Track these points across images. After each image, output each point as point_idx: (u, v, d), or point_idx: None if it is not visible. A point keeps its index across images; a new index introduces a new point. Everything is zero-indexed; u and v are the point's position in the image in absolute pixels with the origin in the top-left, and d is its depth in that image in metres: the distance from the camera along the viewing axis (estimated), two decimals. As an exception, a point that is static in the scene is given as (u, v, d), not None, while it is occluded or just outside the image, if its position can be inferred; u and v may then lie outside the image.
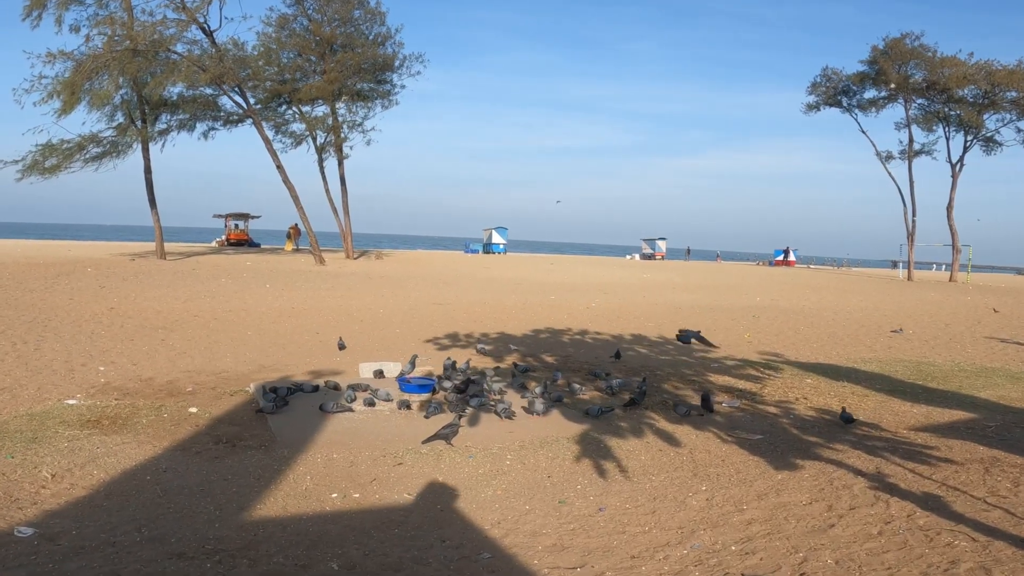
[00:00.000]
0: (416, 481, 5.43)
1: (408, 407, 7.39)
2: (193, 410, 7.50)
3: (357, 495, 5.07)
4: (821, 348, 14.45)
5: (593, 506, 4.92)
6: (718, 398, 8.58)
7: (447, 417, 7.27)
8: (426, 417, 7.21)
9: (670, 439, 6.73)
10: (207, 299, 19.04)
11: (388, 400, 7.54)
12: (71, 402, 7.81)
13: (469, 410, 7.30)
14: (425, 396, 7.63)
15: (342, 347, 12.32)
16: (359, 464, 5.81)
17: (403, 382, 7.69)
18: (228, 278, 25.42)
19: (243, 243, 52.41)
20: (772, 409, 8.16)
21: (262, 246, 52.18)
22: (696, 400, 8.46)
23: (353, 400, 7.64)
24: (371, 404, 7.48)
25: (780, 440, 6.81)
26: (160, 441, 6.35)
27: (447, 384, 8.25)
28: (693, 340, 8.84)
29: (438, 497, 5.10)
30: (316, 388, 8.30)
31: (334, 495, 5.06)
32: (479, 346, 12.60)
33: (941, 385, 10.31)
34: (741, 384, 9.74)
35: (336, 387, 8.34)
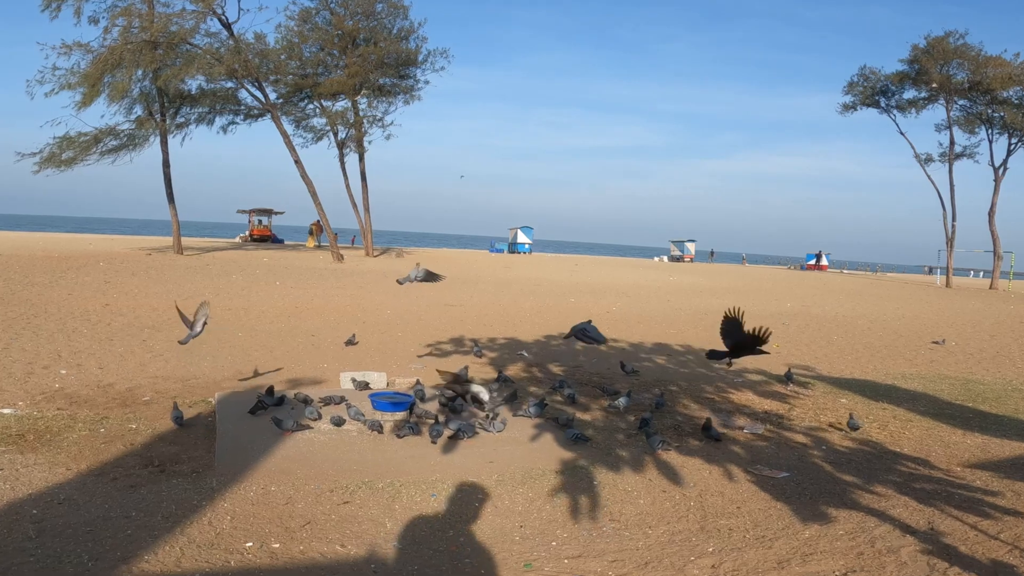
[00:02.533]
0: (358, 527, 4.46)
1: (380, 428, 6.43)
2: (133, 426, 6.61)
3: (277, 545, 4.10)
4: (856, 361, 13.28)
5: (566, 573, 3.90)
6: (738, 422, 7.52)
7: (421, 441, 6.30)
8: (398, 436, 6.26)
9: (676, 476, 5.68)
10: (210, 296, 18.29)
11: (360, 419, 6.58)
12: (6, 411, 6.96)
13: (446, 432, 6.31)
14: (401, 415, 6.66)
15: (351, 343, 11.82)
16: (298, 501, 4.85)
17: (375, 398, 6.74)
18: (240, 274, 24.76)
19: (266, 239, 52.17)
20: (801, 437, 7.07)
21: (285, 242, 51.81)
22: (714, 423, 7.40)
23: (317, 417, 6.70)
24: (339, 423, 6.53)
25: (809, 480, 5.73)
26: (78, 463, 5.45)
27: (429, 403, 7.34)
28: (727, 361, 7.85)
29: (377, 550, 4.12)
30: (282, 400, 7.37)
31: (249, 544, 4.10)
32: (475, 349, 11.70)
33: (994, 408, 9.12)
34: (766, 404, 8.64)
35: (306, 400, 7.41)
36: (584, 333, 7.76)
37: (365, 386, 8.30)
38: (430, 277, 9.15)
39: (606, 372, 10.44)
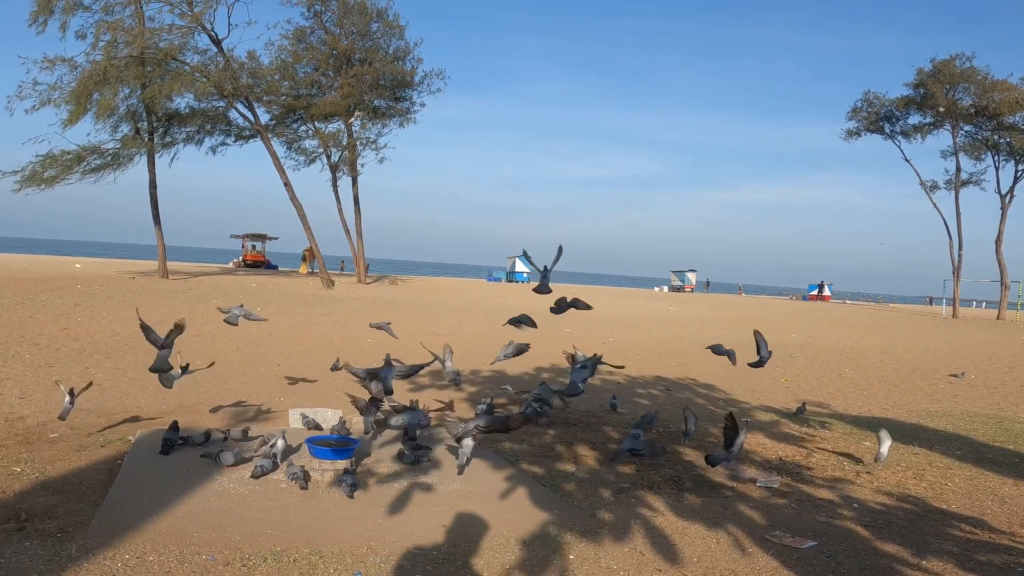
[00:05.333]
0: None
1: (303, 480, 5.28)
2: (19, 468, 5.47)
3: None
4: (873, 396, 12.15)
5: None
6: (748, 473, 6.36)
7: (363, 496, 5.16)
8: (350, 495, 5.10)
9: (673, 549, 4.51)
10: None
11: (291, 467, 5.43)
12: None
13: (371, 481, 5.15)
14: (343, 463, 5.50)
15: (336, 368, 10.79)
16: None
17: (312, 443, 5.59)
18: (222, 299, 23.63)
19: (260, 264, 51.23)
20: (825, 492, 5.90)
21: (279, 268, 50.80)
22: (718, 474, 6.25)
23: (234, 461, 5.56)
24: (261, 473, 5.38)
25: (843, 551, 4.56)
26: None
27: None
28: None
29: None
30: (207, 437, 6.26)
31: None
32: (455, 377, 10.58)
33: (1040, 452, 7.98)
34: (780, 448, 7.47)
35: (226, 437, 6.34)
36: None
37: (316, 425, 7.16)
38: (251, 317, 7.99)
39: (598, 410, 9.29)
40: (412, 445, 6.09)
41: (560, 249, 5.78)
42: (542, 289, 6.31)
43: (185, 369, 7.25)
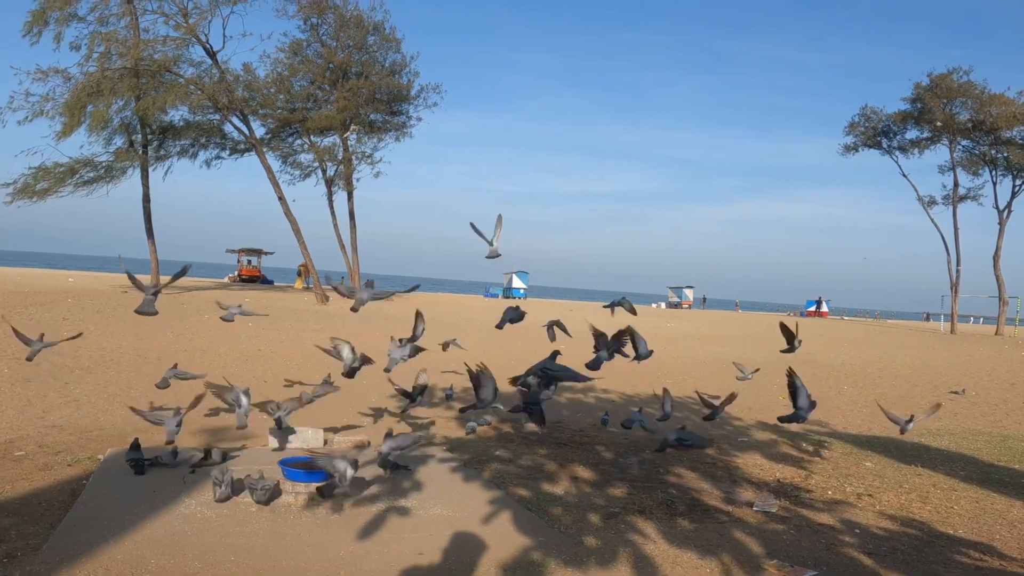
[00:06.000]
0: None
1: (265, 497, 5.01)
2: (-26, 492, 5.20)
3: None
4: (873, 414, 11.88)
5: None
6: (744, 495, 6.08)
7: (337, 521, 4.89)
8: (332, 509, 4.83)
9: None
10: (169, 337, 16.95)
11: (265, 490, 5.15)
12: None
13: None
14: (317, 485, 5.23)
15: (327, 382, 10.67)
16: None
17: (285, 465, 5.32)
18: (212, 314, 23.26)
19: (255, 279, 50.83)
20: (825, 516, 5.62)
21: (275, 283, 50.47)
22: (713, 497, 5.98)
23: (216, 483, 5.29)
24: (228, 496, 5.10)
25: (845, 581, 4.29)
26: None
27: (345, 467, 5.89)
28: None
29: None
30: (175, 455, 6.00)
31: None
32: (448, 392, 10.52)
33: (1047, 472, 7.72)
34: (777, 470, 7.20)
35: (205, 458, 6.08)
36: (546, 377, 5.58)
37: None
38: (248, 314, 7.81)
39: (590, 429, 9.01)
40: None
41: (499, 217, 5.62)
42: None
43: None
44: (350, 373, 6.97)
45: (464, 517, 5.08)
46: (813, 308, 64.18)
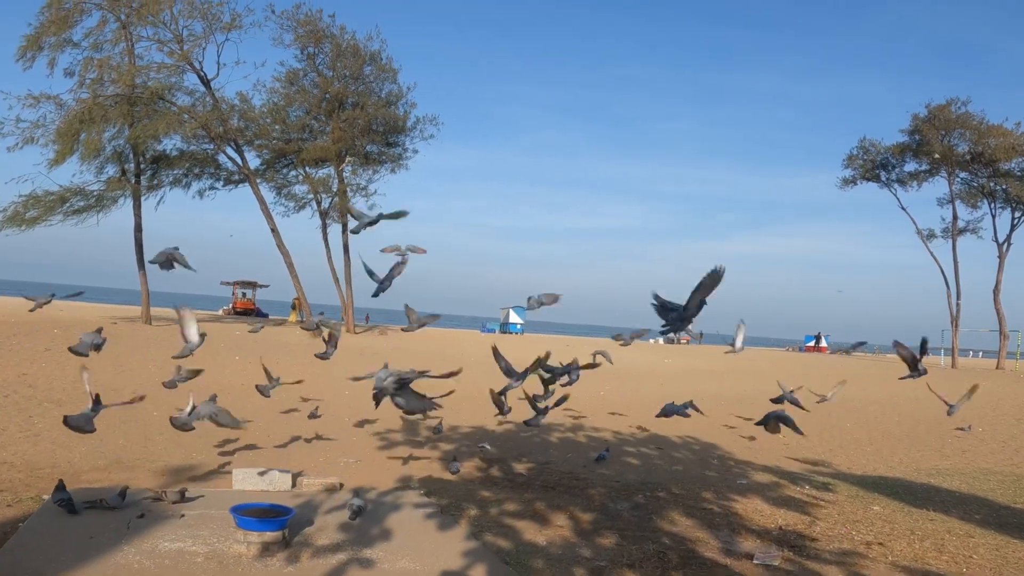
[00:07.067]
0: None
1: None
2: None
3: None
4: (877, 452, 11.43)
5: None
6: (744, 545, 5.57)
7: (309, 573, 4.40)
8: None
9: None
10: (151, 369, 16.43)
11: (215, 537, 4.67)
12: None
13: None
14: (272, 535, 4.74)
15: (315, 416, 10.87)
16: None
17: (237, 512, 4.83)
18: (202, 347, 22.85)
19: (250, 312, 50.29)
20: (832, 569, 5.13)
21: (270, 316, 50.00)
22: (710, 548, 5.48)
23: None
24: (173, 545, 4.62)
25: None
26: None
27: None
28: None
29: None
30: (123, 497, 5.54)
31: None
32: (437, 427, 10.10)
33: (1066, 515, 7.24)
34: (780, 515, 6.70)
35: (159, 499, 5.63)
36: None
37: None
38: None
39: (581, 471, 8.52)
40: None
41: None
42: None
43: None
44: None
45: (431, 571, 4.60)
46: (812, 343, 63.61)
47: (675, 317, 4.58)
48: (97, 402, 5.45)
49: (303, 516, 5.44)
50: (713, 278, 4.33)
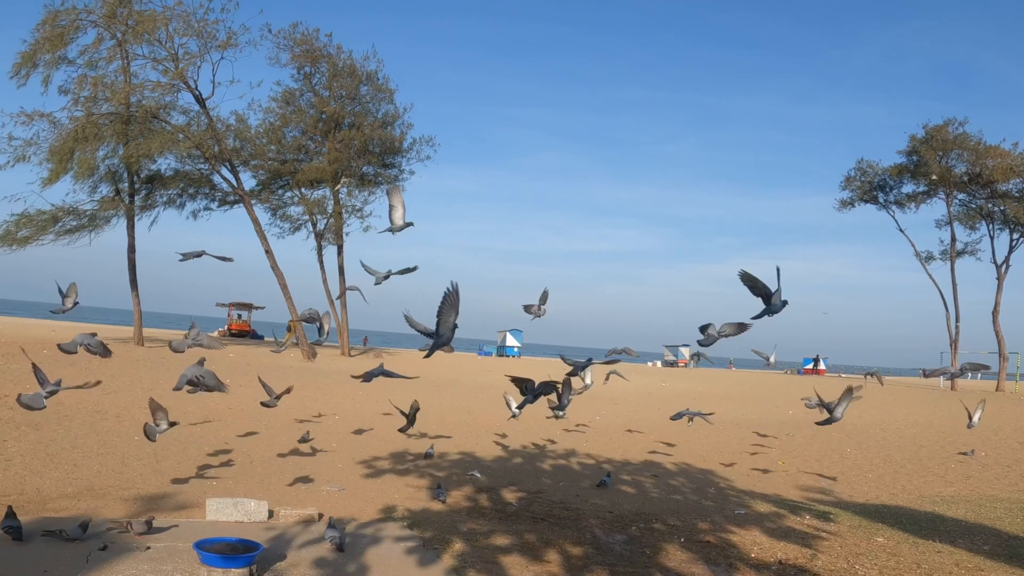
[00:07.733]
0: None
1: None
2: None
3: None
4: (879, 479, 11.13)
5: None
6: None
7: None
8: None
9: None
10: (136, 391, 16.18)
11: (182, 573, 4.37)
12: None
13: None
14: (237, 572, 4.45)
15: (305, 440, 10.64)
16: None
17: (201, 548, 4.54)
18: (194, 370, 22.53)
19: (245, 334, 50.00)
20: (837, 610, 4.83)
21: (265, 338, 49.66)
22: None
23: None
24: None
25: None
26: None
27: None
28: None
29: None
30: (84, 528, 5.24)
31: None
32: (429, 450, 9.99)
33: (1078, 544, 6.94)
34: (779, 548, 6.39)
35: (125, 530, 5.34)
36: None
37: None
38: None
39: (574, 500, 8.21)
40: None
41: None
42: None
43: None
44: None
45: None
46: (810, 366, 63.25)
47: (769, 300, 4.49)
48: (49, 383, 5.53)
49: (275, 551, 5.14)
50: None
